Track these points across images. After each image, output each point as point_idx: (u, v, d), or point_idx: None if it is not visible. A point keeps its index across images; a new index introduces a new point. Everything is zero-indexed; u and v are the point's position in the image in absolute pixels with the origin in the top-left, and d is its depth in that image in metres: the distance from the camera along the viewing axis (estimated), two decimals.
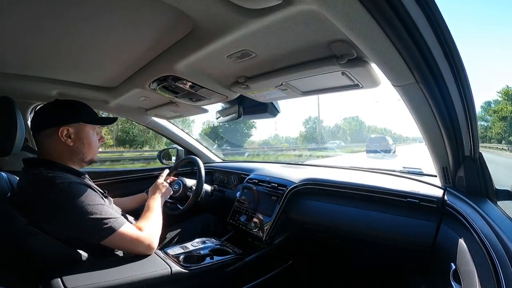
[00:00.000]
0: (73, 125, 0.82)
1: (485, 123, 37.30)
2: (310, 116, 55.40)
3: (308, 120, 49.59)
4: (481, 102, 39.48)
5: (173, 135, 1.79)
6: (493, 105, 36.30)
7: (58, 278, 0.62)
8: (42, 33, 0.71)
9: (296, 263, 1.17)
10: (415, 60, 0.55)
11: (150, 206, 0.95)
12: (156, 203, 0.98)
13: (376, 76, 0.74)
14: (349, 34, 0.52)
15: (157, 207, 0.96)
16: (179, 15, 0.59)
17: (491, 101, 37.04)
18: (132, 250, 0.76)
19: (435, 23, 0.49)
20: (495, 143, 29.25)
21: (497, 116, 31.97)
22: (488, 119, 36.48)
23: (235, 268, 0.93)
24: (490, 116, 35.30)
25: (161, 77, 0.95)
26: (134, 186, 1.58)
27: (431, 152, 0.86)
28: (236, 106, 1.28)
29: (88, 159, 0.87)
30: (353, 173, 1.24)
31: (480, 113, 38.40)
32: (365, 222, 0.98)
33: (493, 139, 32.11)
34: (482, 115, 38.75)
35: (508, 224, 0.63)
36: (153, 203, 0.97)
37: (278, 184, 1.23)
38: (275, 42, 0.67)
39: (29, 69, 0.98)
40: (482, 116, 38.70)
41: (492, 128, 33.41)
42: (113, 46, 0.80)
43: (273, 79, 0.87)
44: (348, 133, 56.46)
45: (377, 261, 1.15)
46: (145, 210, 0.93)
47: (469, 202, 0.75)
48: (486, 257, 0.55)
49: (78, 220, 0.70)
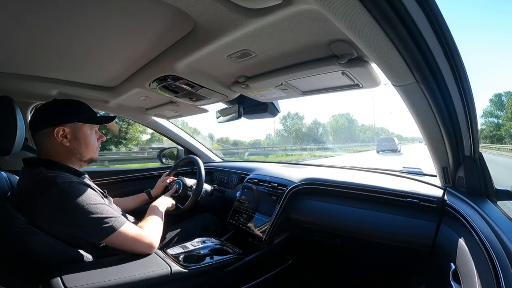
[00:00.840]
0: (69, 125, 0.81)
1: (495, 119, 32.68)
2: (289, 112, 46.51)
3: (286, 117, 42.32)
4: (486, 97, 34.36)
5: (173, 135, 1.79)
6: (504, 98, 31.68)
7: (58, 277, 0.62)
8: (42, 33, 0.71)
9: (296, 263, 1.17)
10: (415, 60, 0.55)
11: (153, 209, 0.97)
12: (160, 207, 1.01)
13: (376, 76, 0.74)
14: (349, 34, 0.52)
15: (159, 211, 0.98)
16: (179, 15, 0.59)
17: (501, 93, 32.76)
18: (133, 249, 0.76)
19: (435, 22, 0.49)
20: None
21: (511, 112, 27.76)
22: (499, 115, 32.03)
23: (235, 268, 0.93)
24: (502, 111, 30.86)
25: (161, 76, 0.95)
26: (134, 186, 1.58)
27: (431, 152, 0.86)
28: (236, 106, 1.28)
29: (86, 159, 0.87)
30: (353, 173, 1.23)
31: (488, 107, 34.15)
32: (365, 222, 0.98)
33: (508, 139, 27.85)
34: (491, 110, 33.80)
35: (508, 224, 0.63)
36: (155, 207, 0.99)
37: (278, 184, 1.23)
38: (275, 41, 0.67)
39: (29, 69, 0.98)
40: (491, 111, 33.80)
41: (504, 125, 29.22)
42: (113, 45, 0.80)
43: (273, 78, 0.87)
44: (330, 131, 48.52)
45: (377, 261, 1.15)
46: (148, 213, 0.95)
47: (469, 202, 0.76)
48: (486, 257, 0.55)
49: (78, 219, 0.70)
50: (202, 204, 1.36)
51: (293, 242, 1.21)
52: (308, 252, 1.31)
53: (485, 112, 35.70)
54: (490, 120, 34.42)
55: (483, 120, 35.60)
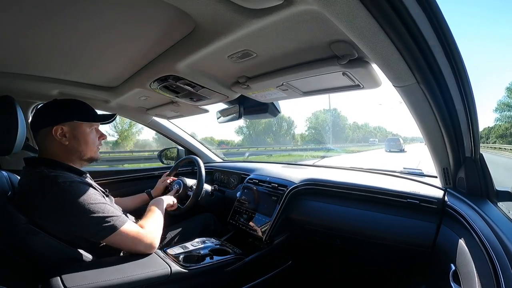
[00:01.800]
0: (67, 123, 0.81)
1: None
2: None
3: None
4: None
5: (173, 135, 1.79)
6: None
7: (58, 277, 0.62)
8: (43, 33, 0.71)
9: (296, 263, 1.17)
10: (416, 60, 0.55)
11: (153, 208, 0.95)
12: (159, 205, 0.99)
13: (377, 77, 0.74)
14: (350, 35, 0.52)
15: (159, 209, 0.96)
16: (180, 15, 0.59)
17: None
18: (133, 248, 0.76)
19: (436, 23, 0.49)
20: None
21: None
22: None
23: (235, 268, 0.93)
24: None
25: (162, 77, 0.95)
26: (134, 186, 1.58)
27: (431, 152, 0.86)
28: (237, 106, 1.28)
29: (87, 157, 0.86)
30: (353, 174, 1.23)
31: (505, 98, 27.52)
32: (365, 223, 0.98)
33: None
34: (508, 102, 27.26)
35: (508, 225, 0.63)
36: (155, 206, 0.97)
37: (279, 184, 1.23)
38: (276, 42, 0.67)
39: (30, 69, 0.99)
40: (508, 103, 27.21)
41: None
42: (114, 46, 0.80)
43: (274, 79, 0.87)
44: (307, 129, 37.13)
45: (377, 261, 1.15)
46: (147, 210, 0.94)
47: (469, 203, 0.75)
48: (486, 258, 0.55)
49: (80, 219, 0.70)
50: (202, 204, 1.36)
51: (293, 243, 1.21)
52: (308, 253, 1.31)
53: (501, 104, 29.36)
54: (507, 115, 27.62)
55: (497, 115, 29.85)
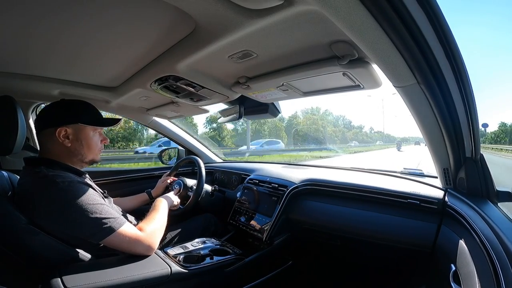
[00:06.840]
0: (71, 125, 0.81)
1: None
2: None
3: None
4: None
5: (174, 135, 1.79)
6: None
7: (58, 277, 0.62)
8: (43, 33, 0.71)
9: (296, 263, 1.17)
10: (416, 61, 0.55)
11: (157, 207, 0.94)
12: (163, 205, 0.97)
13: (377, 77, 0.74)
14: (350, 35, 0.52)
15: (164, 209, 0.95)
16: (180, 15, 0.59)
17: None
18: (131, 250, 0.76)
19: (436, 23, 0.49)
20: None
21: None
22: None
23: (235, 268, 0.93)
24: None
25: (162, 77, 0.95)
26: (134, 186, 1.58)
27: (432, 153, 0.86)
28: (237, 106, 1.28)
29: (88, 160, 0.86)
30: (353, 174, 1.23)
31: None
32: (365, 223, 0.98)
33: None
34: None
35: (508, 226, 0.63)
36: (159, 205, 0.96)
37: (279, 185, 1.23)
38: (276, 42, 0.67)
39: (30, 69, 0.99)
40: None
41: None
42: (114, 46, 0.80)
43: (274, 79, 0.87)
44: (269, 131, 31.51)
45: (377, 262, 1.15)
46: (151, 209, 0.93)
47: (469, 203, 0.75)
48: (487, 259, 0.55)
49: (78, 219, 0.70)
50: (203, 205, 1.36)
51: (294, 243, 1.20)
52: (308, 253, 1.31)
53: None
54: None
55: None
